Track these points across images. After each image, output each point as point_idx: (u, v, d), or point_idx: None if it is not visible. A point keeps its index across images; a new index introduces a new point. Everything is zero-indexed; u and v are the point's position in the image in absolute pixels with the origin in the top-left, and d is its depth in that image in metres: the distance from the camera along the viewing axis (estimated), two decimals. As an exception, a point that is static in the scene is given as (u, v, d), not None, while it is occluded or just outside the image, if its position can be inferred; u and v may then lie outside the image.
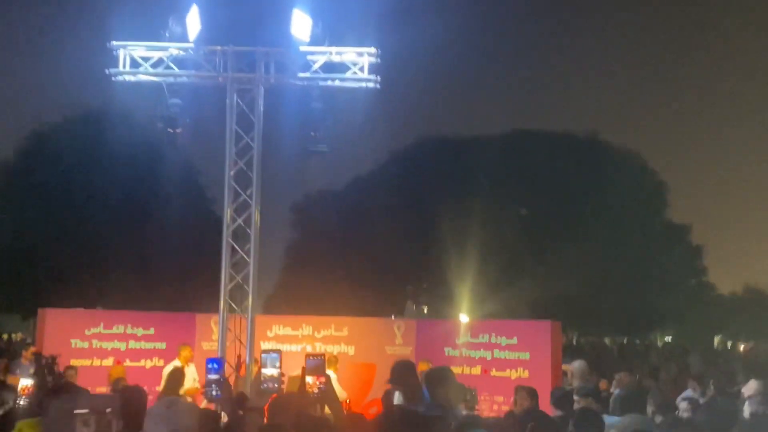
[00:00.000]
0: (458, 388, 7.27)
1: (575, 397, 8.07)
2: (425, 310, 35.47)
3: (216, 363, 6.10)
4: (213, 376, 5.96)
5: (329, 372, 12.41)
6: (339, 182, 32.90)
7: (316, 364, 5.42)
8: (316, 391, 5.39)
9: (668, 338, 48.92)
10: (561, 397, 8.33)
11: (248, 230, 9.58)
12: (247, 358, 9.16)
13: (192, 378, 11.17)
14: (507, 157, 29.93)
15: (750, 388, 8.44)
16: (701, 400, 10.66)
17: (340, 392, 12.54)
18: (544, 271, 27.00)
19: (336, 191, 32.28)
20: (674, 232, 33.56)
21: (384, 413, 4.57)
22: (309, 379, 5.39)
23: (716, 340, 52.07)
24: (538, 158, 29.96)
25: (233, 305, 10.19)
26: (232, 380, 9.42)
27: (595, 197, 29.73)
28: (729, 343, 50.58)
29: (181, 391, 10.32)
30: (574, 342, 36.92)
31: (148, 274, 22.74)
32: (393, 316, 34.19)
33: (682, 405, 8.07)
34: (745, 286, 49.89)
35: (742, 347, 45.71)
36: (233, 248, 9.39)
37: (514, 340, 12.74)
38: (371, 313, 31.85)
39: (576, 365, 9.74)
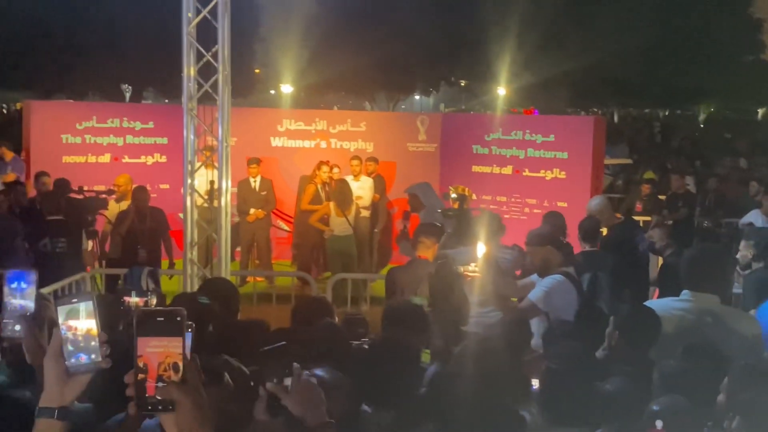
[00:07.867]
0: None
1: None
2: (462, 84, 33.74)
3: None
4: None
5: (363, 178, 10.90)
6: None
7: None
8: None
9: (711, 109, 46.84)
10: (590, 230, 7.11)
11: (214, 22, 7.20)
12: (222, 184, 7.56)
13: None
14: None
15: None
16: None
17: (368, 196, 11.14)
18: (587, 36, 24.89)
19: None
20: (734, 2, 30.63)
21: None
22: None
23: (760, 112, 49.95)
24: None
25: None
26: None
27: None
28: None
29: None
30: (615, 119, 35.37)
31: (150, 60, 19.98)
32: (431, 94, 32.10)
33: None
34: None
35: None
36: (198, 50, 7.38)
37: (551, 138, 11.39)
38: (401, 94, 30.24)
39: (594, 205, 7.90)
